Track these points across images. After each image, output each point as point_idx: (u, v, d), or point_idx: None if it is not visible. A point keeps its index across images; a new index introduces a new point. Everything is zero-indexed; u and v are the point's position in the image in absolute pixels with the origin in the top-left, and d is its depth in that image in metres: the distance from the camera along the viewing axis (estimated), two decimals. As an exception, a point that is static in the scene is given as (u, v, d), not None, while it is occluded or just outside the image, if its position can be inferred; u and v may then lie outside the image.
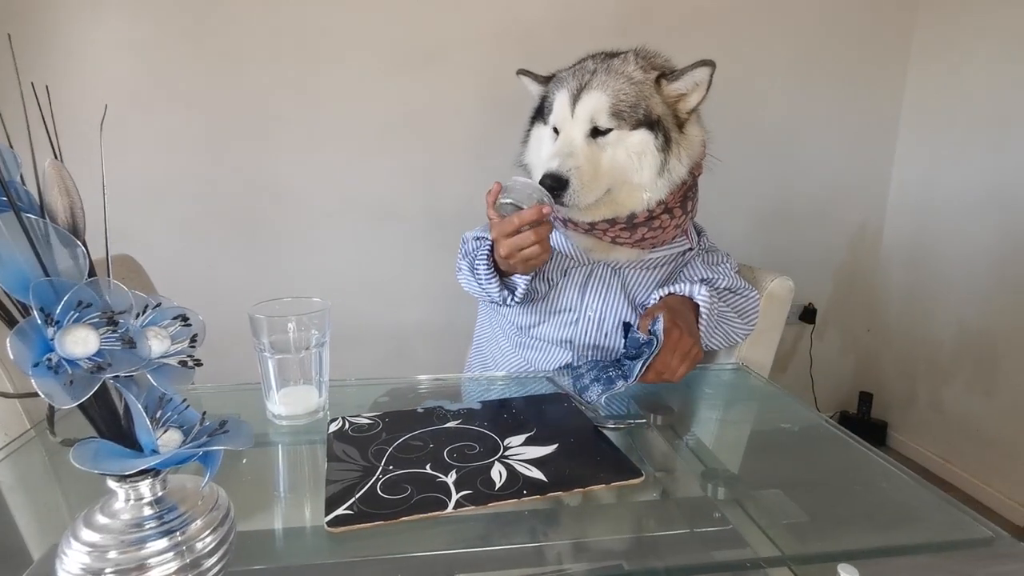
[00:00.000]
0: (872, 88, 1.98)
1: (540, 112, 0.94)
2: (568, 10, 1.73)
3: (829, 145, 2.00)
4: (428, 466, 0.60)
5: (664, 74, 0.86)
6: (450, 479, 0.57)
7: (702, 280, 0.93)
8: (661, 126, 0.85)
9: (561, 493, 0.57)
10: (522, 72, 0.98)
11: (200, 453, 0.38)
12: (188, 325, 0.40)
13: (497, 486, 0.57)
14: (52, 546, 0.42)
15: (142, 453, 0.37)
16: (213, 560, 0.40)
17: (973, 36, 1.80)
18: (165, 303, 0.39)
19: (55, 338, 0.32)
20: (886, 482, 0.64)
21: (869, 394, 2.19)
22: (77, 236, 0.36)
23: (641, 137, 0.85)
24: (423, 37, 1.70)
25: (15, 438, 0.66)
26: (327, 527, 0.51)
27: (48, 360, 0.32)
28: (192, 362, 0.39)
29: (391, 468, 0.60)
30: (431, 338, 1.90)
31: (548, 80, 0.94)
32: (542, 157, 0.89)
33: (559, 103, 0.87)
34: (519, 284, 0.89)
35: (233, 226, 1.74)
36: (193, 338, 0.40)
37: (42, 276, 0.33)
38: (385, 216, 1.80)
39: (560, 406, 0.76)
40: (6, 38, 1.25)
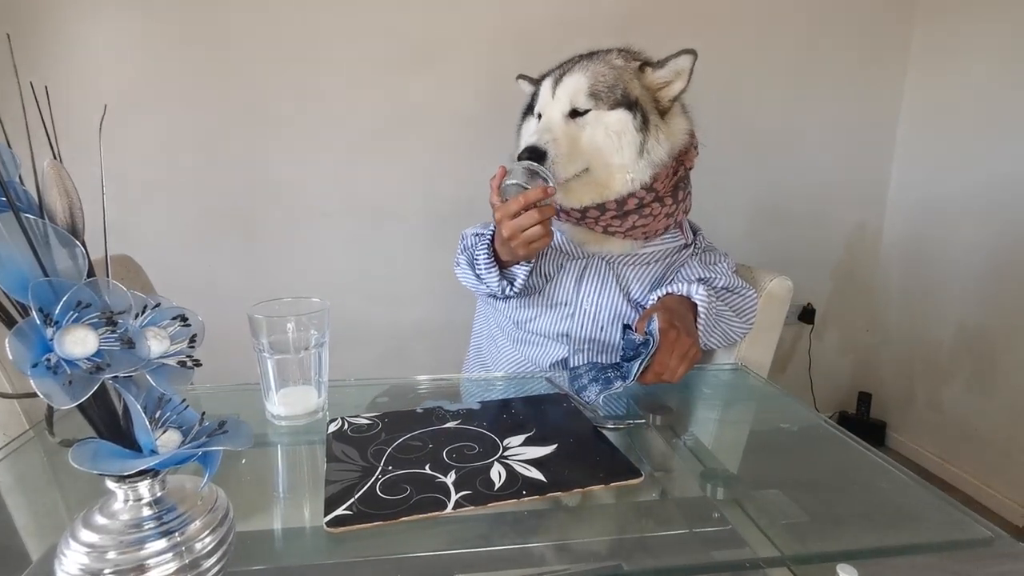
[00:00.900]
0: (871, 88, 1.98)
1: (531, 108, 0.97)
2: (567, 11, 1.73)
3: (828, 145, 2.00)
4: (427, 466, 0.60)
5: (647, 63, 0.89)
6: (449, 479, 0.57)
7: (699, 279, 0.93)
8: (639, 107, 0.86)
9: (560, 493, 0.57)
10: (521, 77, 1.02)
11: (199, 453, 0.38)
12: (187, 325, 0.40)
13: (496, 486, 0.57)
14: (51, 547, 0.42)
15: (141, 453, 0.37)
16: (212, 560, 0.40)
17: (972, 36, 1.80)
18: (164, 303, 0.39)
19: (54, 338, 0.32)
20: (885, 482, 0.64)
21: (868, 394, 2.19)
22: (76, 236, 0.36)
23: (619, 116, 0.86)
24: (422, 37, 1.70)
25: (14, 438, 0.66)
26: (326, 527, 0.51)
27: (47, 360, 0.32)
28: (191, 362, 0.39)
29: (390, 468, 0.60)
30: (430, 338, 1.90)
31: (540, 80, 0.96)
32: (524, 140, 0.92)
33: (543, 91, 0.91)
34: (518, 275, 0.90)
35: (232, 226, 1.74)
36: (192, 338, 0.40)
37: (41, 276, 0.33)
38: (384, 216, 1.80)
39: (559, 406, 0.76)
40: (6, 38, 1.25)
